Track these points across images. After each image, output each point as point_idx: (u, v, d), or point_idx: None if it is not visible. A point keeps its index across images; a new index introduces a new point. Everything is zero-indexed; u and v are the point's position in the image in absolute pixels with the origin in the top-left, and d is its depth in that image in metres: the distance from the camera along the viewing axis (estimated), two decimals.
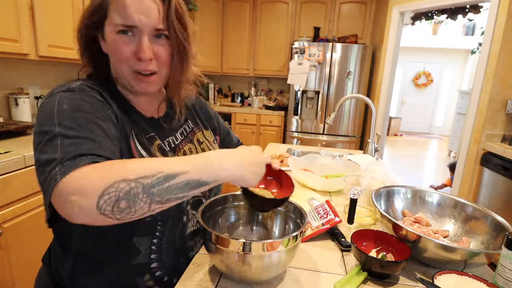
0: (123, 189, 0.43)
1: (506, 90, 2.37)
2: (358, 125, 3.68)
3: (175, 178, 0.47)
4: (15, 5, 1.50)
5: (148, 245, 0.65)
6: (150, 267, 0.66)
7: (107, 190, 0.43)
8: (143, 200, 0.45)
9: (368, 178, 1.05)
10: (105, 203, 0.43)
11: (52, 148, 0.48)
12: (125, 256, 0.63)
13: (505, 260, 0.63)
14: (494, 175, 2.30)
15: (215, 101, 4.34)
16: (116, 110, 0.62)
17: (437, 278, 0.64)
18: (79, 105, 0.54)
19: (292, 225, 0.75)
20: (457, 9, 3.36)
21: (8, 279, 1.34)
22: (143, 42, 0.59)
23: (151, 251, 0.66)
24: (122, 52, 0.60)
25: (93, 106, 0.56)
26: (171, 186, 0.46)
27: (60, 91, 0.57)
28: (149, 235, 0.64)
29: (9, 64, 1.84)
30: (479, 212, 0.84)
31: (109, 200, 0.43)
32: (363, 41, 3.81)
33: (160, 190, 0.46)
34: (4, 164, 1.27)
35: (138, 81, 0.63)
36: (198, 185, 0.50)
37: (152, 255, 0.66)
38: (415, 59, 8.00)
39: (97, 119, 0.55)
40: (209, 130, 0.89)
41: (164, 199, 0.47)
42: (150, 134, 0.69)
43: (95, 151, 0.49)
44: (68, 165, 0.45)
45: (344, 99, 1.64)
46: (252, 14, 3.96)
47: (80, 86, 0.59)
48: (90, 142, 0.50)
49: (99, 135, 0.52)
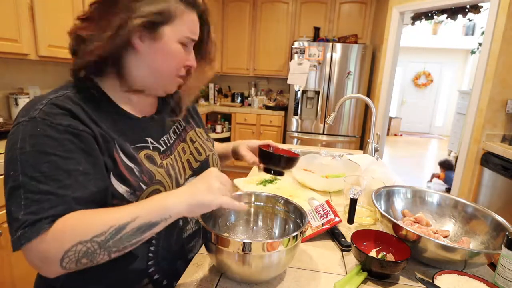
0: (80, 250, 0.48)
1: (506, 90, 2.37)
2: (358, 125, 3.68)
3: (125, 228, 0.50)
4: (15, 5, 1.50)
5: (145, 251, 0.66)
6: (148, 272, 0.67)
7: (67, 254, 0.48)
8: (101, 254, 0.50)
9: (368, 178, 1.05)
10: (67, 263, 0.49)
11: (15, 201, 0.50)
12: (122, 263, 0.63)
13: (505, 260, 0.63)
14: (494, 175, 2.30)
15: (215, 101, 4.34)
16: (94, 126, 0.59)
17: (437, 278, 0.64)
18: (41, 145, 0.52)
19: (292, 225, 0.75)
20: (457, 9, 3.36)
21: (8, 279, 1.34)
22: (192, 53, 0.68)
23: (148, 258, 0.66)
24: (182, 60, 0.66)
25: (58, 142, 0.53)
26: (123, 236, 0.50)
27: (23, 119, 0.54)
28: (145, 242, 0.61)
29: (9, 64, 1.84)
30: (479, 212, 0.84)
31: (70, 260, 0.49)
32: (363, 41, 3.81)
33: (115, 242, 0.50)
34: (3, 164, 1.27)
35: (175, 84, 0.70)
36: (148, 227, 0.52)
37: (149, 261, 0.67)
38: (415, 59, 8.00)
39: (63, 159, 0.53)
40: (201, 128, 0.89)
41: (121, 248, 0.51)
42: (137, 145, 0.66)
43: (56, 210, 0.50)
44: (29, 231, 0.48)
45: (344, 99, 1.64)
46: (252, 14, 3.96)
47: (45, 108, 0.55)
48: (53, 197, 0.51)
49: (63, 184, 0.52)
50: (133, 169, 0.62)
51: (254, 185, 1.25)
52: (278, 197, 0.80)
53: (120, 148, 0.61)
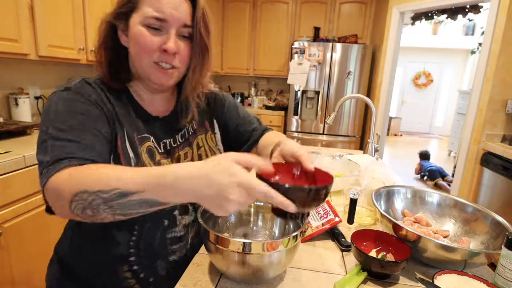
0: (85, 200, 0.48)
1: (506, 90, 2.37)
2: (358, 125, 3.68)
3: (129, 196, 0.47)
4: (15, 5, 1.50)
5: (127, 239, 0.68)
6: (128, 259, 0.69)
7: (74, 199, 0.48)
8: (105, 211, 0.48)
9: (368, 178, 1.05)
10: (75, 208, 0.49)
11: (44, 150, 0.55)
12: (107, 245, 0.68)
13: (505, 260, 0.63)
14: (494, 175, 2.30)
15: None
16: (111, 109, 0.65)
17: (437, 278, 0.64)
18: (72, 106, 0.60)
19: (292, 225, 0.75)
20: (457, 9, 3.37)
21: (8, 279, 1.34)
22: (170, 35, 0.62)
23: (130, 246, 0.68)
24: (147, 43, 0.61)
25: (87, 107, 0.61)
26: (127, 203, 0.47)
27: (59, 90, 0.62)
28: (128, 231, 0.68)
29: (9, 64, 1.84)
30: (479, 212, 0.84)
31: (77, 207, 0.49)
32: (363, 41, 3.81)
33: (119, 205, 0.48)
34: (4, 164, 1.27)
35: (159, 73, 0.64)
36: (156, 205, 0.48)
37: (130, 249, 0.69)
38: (415, 59, 8.00)
39: (89, 119, 0.59)
40: (216, 133, 0.85)
41: (126, 213, 0.49)
42: (143, 135, 0.69)
43: (76, 154, 0.54)
44: (51, 169, 0.52)
45: (344, 99, 1.64)
46: (252, 14, 3.96)
47: (78, 84, 0.64)
48: (74, 144, 0.55)
49: (85, 137, 0.57)
50: (131, 159, 0.65)
51: None
52: None
53: (127, 135, 0.66)
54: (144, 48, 0.62)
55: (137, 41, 0.62)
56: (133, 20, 0.62)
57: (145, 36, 0.61)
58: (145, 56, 0.63)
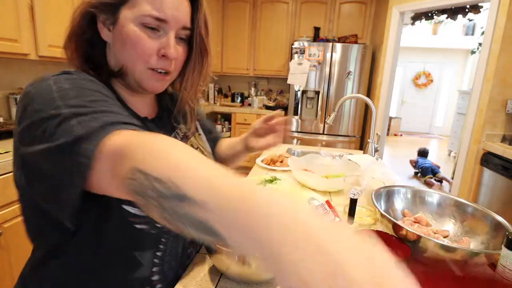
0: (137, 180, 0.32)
1: (506, 90, 2.37)
2: (358, 125, 3.68)
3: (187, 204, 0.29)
4: (15, 5, 1.50)
5: (151, 258, 0.59)
6: (151, 280, 0.60)
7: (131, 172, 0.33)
8: (155, 208, 0.32)
9: (368, 178, 1.05)
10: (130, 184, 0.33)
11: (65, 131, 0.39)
12: (126, 269, 0.57)
13: (505, 260, 0.63)
14: (494, 175, 2.30)
15: (215, 101, 4.34)
16: None
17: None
18: (82, 84, 0.47)
19: None
20: (457, 9, 3.37)
21: (8, 279, 1.34)
22: (170, 40, 0.55)
23: (154, 264, 0.59)
24: (145, 46, 0.53)
25: (99, 86, 0.49)
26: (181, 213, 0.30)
27: (52, 76, 0.47)
28: (152, 248, 0.58)
29: (9, 64, 1.84)
30: (479, 212, 0.84)
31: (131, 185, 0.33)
32: (363, 41, 3.81)
33: (171, 210, 0.30)
34: (4, 164, 1.27)
35: (153, 80, 0.57)
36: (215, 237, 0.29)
37: (154, 267, 0.59)
38: (415, 59, 7.99)
39: (107, 97, 0.47)
40: (201, 135, 0.80)
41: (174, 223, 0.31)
42: None
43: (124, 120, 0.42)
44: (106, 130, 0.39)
45: (344, 99, 1.64)
46: (252, 13, 3.96)
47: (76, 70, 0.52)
48: (112, 114, 0.42)
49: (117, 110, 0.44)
50: None
51: None
52: None
53: None
54: (140, 53, 0.54)
55: (132, 43, 0.53)
56: (124, 16, 0.53)
57: (143, 39, 0.53)
58: (140, 61, 0.55)
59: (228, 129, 4.08)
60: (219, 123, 4.06)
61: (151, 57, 0.55)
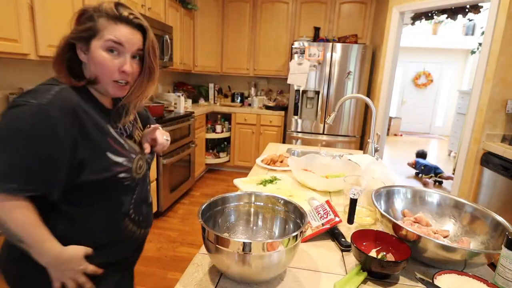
0: None
1: (506, 90, 2.37)
2: (358, 125, 3.68)
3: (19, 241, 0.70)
4: (15, 5, 1.50)
5: (129, 200, 0.86)
6: (129, 213, 0.86)
7: None
8: None
9: (368, 178, 1.05)
10: None
11: None
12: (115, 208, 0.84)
13: (505, 260, 0.63)
14: (494, 175, 2.30)
15: (215, 101, 4.34)
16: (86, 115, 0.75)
17: (437, 278, 0.64)
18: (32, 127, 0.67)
19: (292, 225, 0.75)
20: (457, 9, 3.37)
21: None
22: (127, 59, 0.78)
23: (131, 204, 0.86)
24: (109, 66, 0.76)
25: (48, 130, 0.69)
26: None
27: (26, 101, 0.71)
28: (131, 193, 0.86)
29: (9, 64, 1.84)
30: (479, 212, 0.84)
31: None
32: (363, 41, 3.81)
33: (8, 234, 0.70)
34: None
35: (116, 89, 0.80)
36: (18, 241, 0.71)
37: (131, 205, 0.87)
38: (415, 59, 8.00)
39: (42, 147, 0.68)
40: None
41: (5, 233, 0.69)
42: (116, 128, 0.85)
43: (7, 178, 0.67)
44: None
45: (344, 99, 1.64)
46: (252, 14, 3.96)
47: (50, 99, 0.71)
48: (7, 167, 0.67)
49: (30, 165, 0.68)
50: (123, 145, 0.82)
51: (254, 185, 1.25)
52: (278, 197, 0.80)
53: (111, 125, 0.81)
54: (106, 70, 0.76)
55: (100, 64, 0.75)
56: (94, 45, 0.75)
57: (107, 61, 0.75)
58: (106, 76, 0.77)
59: (228, 129, 4.08)
60: (219, 123, 4.06)
61: (114, 73, 0.77)
